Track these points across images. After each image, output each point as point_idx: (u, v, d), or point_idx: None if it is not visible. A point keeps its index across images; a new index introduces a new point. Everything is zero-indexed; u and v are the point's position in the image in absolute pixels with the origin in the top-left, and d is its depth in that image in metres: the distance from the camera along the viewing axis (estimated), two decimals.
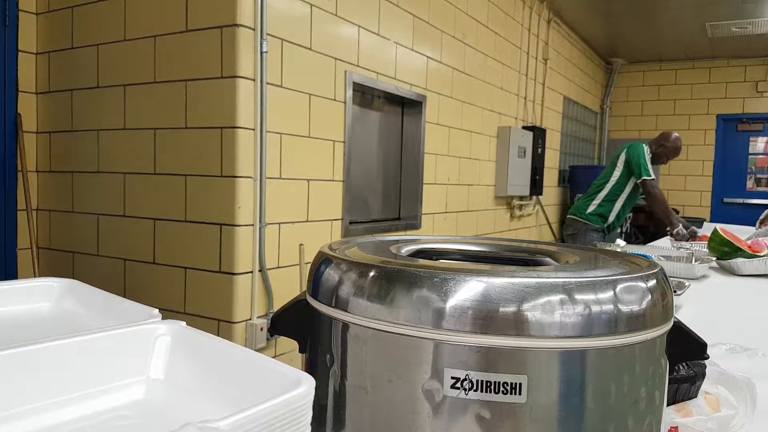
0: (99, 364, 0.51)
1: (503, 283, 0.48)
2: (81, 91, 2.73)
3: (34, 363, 0.48)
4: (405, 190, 3.88)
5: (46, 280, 0.74)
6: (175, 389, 0.51)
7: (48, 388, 0.47)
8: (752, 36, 6.21)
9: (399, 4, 3.47)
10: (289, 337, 0.62)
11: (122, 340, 0.53)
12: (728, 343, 1.17)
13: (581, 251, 0.71)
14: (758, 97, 7.18)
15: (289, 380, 0.44)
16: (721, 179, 7.47)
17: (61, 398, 0.48)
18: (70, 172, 2.81)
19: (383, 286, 0.51)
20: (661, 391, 0.55)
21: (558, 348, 0.47)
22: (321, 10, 2.85)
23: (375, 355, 0.52)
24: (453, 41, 4.10)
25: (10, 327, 0.64)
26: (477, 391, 0.47)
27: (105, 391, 0.50)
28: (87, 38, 2.71)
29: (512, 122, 5.14)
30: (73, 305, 0.70)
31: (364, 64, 3.21)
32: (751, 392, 0.82)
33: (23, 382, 0.47)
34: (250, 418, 0.38)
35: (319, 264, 0.60)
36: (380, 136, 3.67)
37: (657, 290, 0.52)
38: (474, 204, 4.62)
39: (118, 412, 0.48)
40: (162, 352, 0.54)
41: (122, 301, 0.67)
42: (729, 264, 2.27)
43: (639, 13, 5.75)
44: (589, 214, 4.19)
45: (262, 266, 2.59)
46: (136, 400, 0.50)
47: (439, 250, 0.73)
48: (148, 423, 0.47)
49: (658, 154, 4.10)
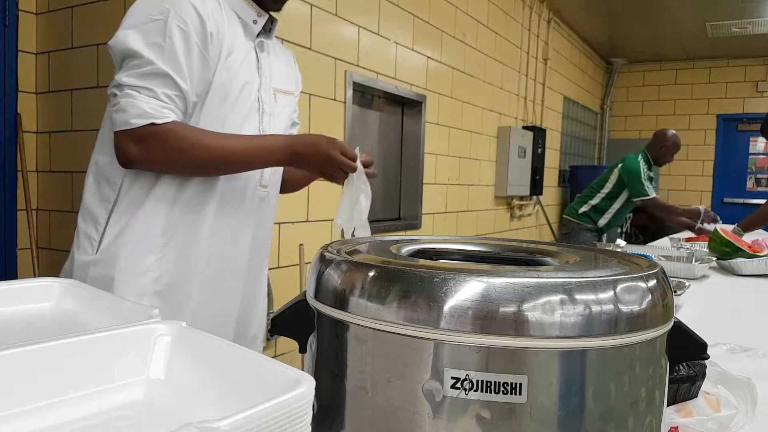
0: (99, 364, 0.51)
1: (503, 283, 0.48)
2: (81, 91, 2.73)
3: (34, 363, 0.48)
4: (405, 190, 3.88)
5: (46, 280, 0.74)
6: (175, 389, 0.51)
7: (48, 388, 0.48)
8: (752, 36, 6.21)
9: (399, 4, 3.47)
10: (289, 337, 0.62)
11: (122, 340, 0.53)
12: (728, 343, 1.17)
13: (581, 251, 0.71)
14: (758, 97, 7.18)
15: (289, 380, 0.44)
16: (721, 179, 7.47)
17: (61, 398, 0.48)
18: (70, 172, 2.81)
19: (383, 286, 0.51)
20: (662, 391, 0.55)
21: (558, 348, 0.47)
22: (321, 10, 2.85)
23: (375, 355, 0.52)
24: (453, 41, 4.10)
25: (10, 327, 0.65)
26: (477, 391, 0.47)
27: (105, 391, 0.50)
28: (87, 38, 2.71)
29: (512, 122, 5.14)
30: (73, 305, 0.70)
31: (364, 64, 3.21)
32: (751, 392, 0.82)
33: (23, 382, 0.47)
34: (250, 418, 0.38)
35: (319, 264, 0.60)
36: (380, 136, 3.67)
37: (657, 290, 0.52)
38: (474, 204, 4.62)
39: (118, 412, 0.48)
40: (162, 352, 0.54)
41: (122, 301, 0.68)
42: (729, 264, 2.27)
43: (639, 13, 5.76)
44: (580, 215, 4.19)
45: None
46: (136, 400, 0.50)
47: (439, 250, 0.73)
48: (148, 423, 0.47)
49: (660, 156, 4.02)
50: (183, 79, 1.14)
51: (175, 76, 1.12)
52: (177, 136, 1.13)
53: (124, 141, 1.12)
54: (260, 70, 1.30)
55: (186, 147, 1.14)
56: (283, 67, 1.41)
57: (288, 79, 1.43)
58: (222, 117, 1.22)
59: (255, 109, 1.28)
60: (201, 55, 1.16)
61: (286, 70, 1.43)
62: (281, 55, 1.42)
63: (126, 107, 1.10)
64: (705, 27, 6.01)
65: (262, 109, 1.30)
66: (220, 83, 1.20)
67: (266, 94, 1.31)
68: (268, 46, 1.34)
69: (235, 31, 1.24)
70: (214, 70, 1.19)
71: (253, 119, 1.28)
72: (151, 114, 1.10)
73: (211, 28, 1.16)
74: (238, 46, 1.24)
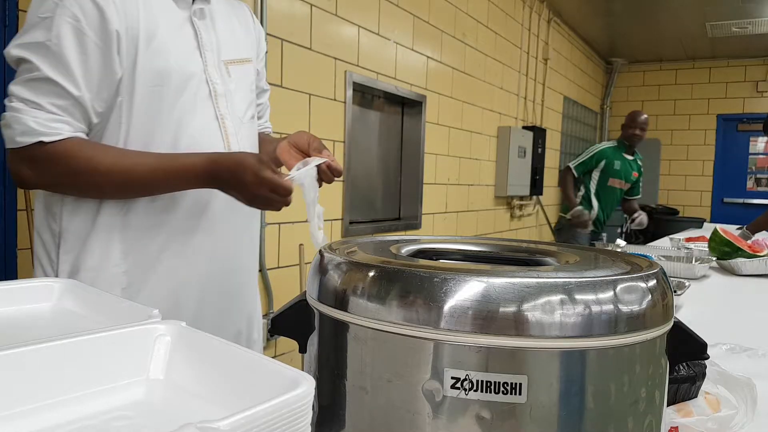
0: (99, 364, 0.51)
1: (503, 283, 0.48)
2: None
3: (34, 363, 0.48)
4: (405, 190, 3.88)
5: (46, 280, 0.74)
6: (175, 389, 0.51)
7: (48, 388, 0.48)
8: (752, 36, 6.21)
9: (399, 4, 3.47)
10: (289, 337, 0.62)
11: (122, 340, 0.53)
12: (728, 343, 1.17)
13: (581, 251, 0.71)
14: (758, 97, 7.18)
15: (289, 380, 0.44)
16: (721, 179, 7.47)
17: (61, 398, 0.48)
18: None
19: (383, 286, 0.51)
20: (662, 391, 0.55)
21: (558, 348, 0.47)
22: (321, 10, 2.85)
23: (375, 355, 0.52)
24: (453, 41, 4.10)
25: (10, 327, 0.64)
26: (477, 391, 0.47)
27: (105, 391, 0.50)
28: None
29: (512, 122, 5.14)
30: (73, 305, 0.70)
31: (364, 64, 3.21)
32: (751, 392, 0.82)
33: (23, 382, 0.47)
34: (249, 418, 0.38)
35: (319, 264, 0.60)
36: (380, 136, 3.67)
37: (657, 290, 0.52)
38: (474, 204, 4.62)
39: (118, 412, 0.48)
40: (162, 352, 0.54)
41: (122, 301, 0.68)
42: (729, 264, 2.27)
43: (639, 13, 5.75)
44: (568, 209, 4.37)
45: (262, 266, 2.59)
46: (136, 400, 0.50)
47: (439, 250, 0.73)
48: (148, 423, 0.47)
49: (630, 136, 4.23)
50: (74, 85, 0.96)
51: (63, 82, 0.95)
52: (68, 157, 0.96)
53: (14, 161, 0.98)
54: (202, 45, 1.09)
55: (79, 170, 0.97)
56: (235, 30, 1.20)
57: (242, 43, 1.21)
58: (165, 114, 1.04)
59: (205, 94, 1.09)
60: (101, 53, 0.97)
61: (239, 33, 1.21)
62: (230, 16, 1.20)
63: (11, 122, 0.95)
64: (705, 27, 6.01)
65: (214, 92, 1.10)
66: (149, 76, 1.02)
67: (215, 71, 1.11)
68: (209, 12, 1.13)
69: (159, 4, 1.05)
70: (133, 64, 1.01)
71: (206, 108, 1.09)
72: (38, 131, 0.94)
73: (115, 16, 0.98)
74: (164, 24, 1.04)
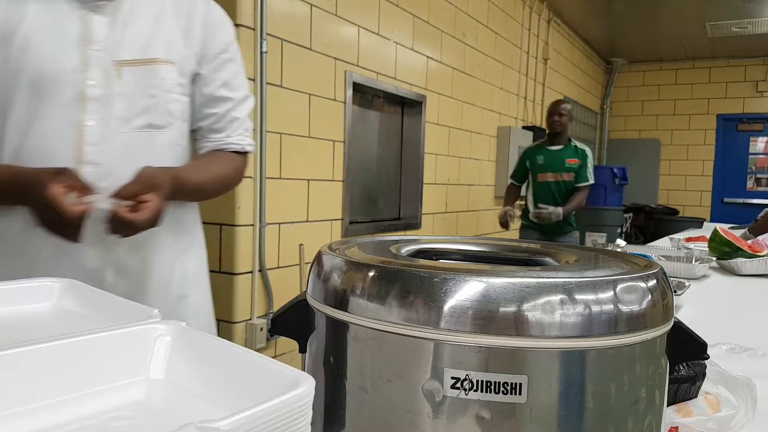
0: (99, 364, 0.51)
1: (503, 283, 0.48)
2: None
3: (34, 363, 0.48)
4: (405, 190, 3.88)
5: (46, 280, 0.74)
6: (175, 389, 0.51)
7: (48, 388, 0.48)
8: (752, 36, 6.21)
9: (399, 4, 3.47)
10: (289, 337, 0.62)
11: (122, 340, 0.53)
12: (728, 343, 1.17)
13: (581, 251, 0.71)
14: (758, 97, 7.19)
15: (289, 380, 0.44)
16: (721, 179, 7.47)
17: (61, 398, 0.48)
18: None
19: (383, 286, 0.51)
20: (662, 391, 0.55)
21: (558, 348, 0.47)
22: (321, 10, 2.85)
23: (375, 355, 0.52)
24: (453, 41, 4.10)
25: (10, 327, 0.64)
26: (477, 391, 0.47)
27: (105, 391, 0.50)
28: None
29: (512, 122, 5.14)
30: (73, 305, 0.70)
31: (364, 64, 3.21)
32: (751, 392, 0.82)
33: (23, 382, 0.47)
34: (250, 418, 0.38)
35: (319, 264, 0.60)
36: (380, 136, 3.67)
37: (657, 290, 0.52)
38: (474, 204, 4.62)
39: (118, 412, 0.48)
40: (162, 352, 0.54)
41: (122, 301, 0.67)
42: (729, 264, 2.27)
43: (639, 13, 5.76)
44: None
45: (262, 266, 2.59)
46: (136, 400, 0.50)
47: (439, 250, 0.73)
48: (148, 423, 0.47)
49: (549, 124, 3.95)
50: None
51: None
52: None
53: None
54: (86, 43, 0.99)
55: None
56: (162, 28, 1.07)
57: (162, 43, 1.07)
58: (13, 118, 0.98)
59: (68, 97, 0.99)
60: None
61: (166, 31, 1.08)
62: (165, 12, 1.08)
63: None
64: (705, 27, 6.01)
65: (82, 95, 0.99)
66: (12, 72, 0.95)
67: (98, 72, 1.00)
68: (126, 8, 1.03)
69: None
70: None
71: (63, 112, 0.99)
72: None
73: None
74: (36, 18, 0.97)
